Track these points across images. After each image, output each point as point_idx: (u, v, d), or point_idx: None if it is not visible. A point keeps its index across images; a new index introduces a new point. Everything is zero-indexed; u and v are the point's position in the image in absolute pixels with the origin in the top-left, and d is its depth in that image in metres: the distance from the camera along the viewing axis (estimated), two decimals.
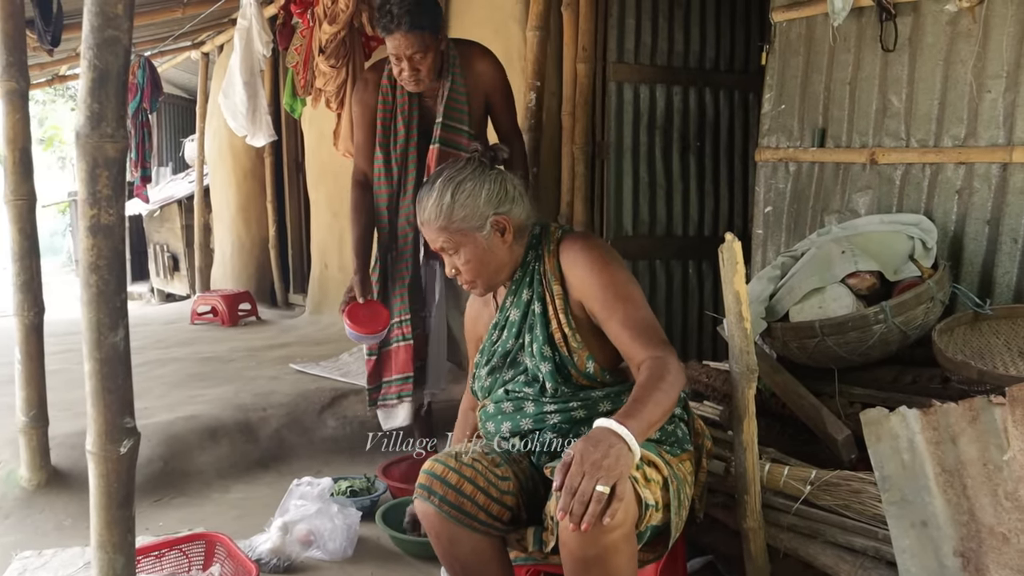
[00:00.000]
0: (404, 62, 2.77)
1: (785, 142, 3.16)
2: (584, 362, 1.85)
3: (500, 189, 1.86)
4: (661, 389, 1.62)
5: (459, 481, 1.76)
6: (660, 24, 4.02)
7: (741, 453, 1.93)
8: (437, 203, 1.84)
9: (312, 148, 5.95)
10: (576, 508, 1.44)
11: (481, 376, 2.00)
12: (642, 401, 1.60)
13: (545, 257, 1.90)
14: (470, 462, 1.80)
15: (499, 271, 1.91)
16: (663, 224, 4.08)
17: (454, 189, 1.84)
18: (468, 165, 1.89)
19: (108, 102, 1.56)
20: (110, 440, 1.61)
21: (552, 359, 1.86)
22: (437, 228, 1.86)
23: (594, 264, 1.83)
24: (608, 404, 1.85)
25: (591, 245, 1.87)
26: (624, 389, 1.85)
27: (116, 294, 1.57)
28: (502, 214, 1.86)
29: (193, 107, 8.51)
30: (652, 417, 1.59)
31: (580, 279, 1.84)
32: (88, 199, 1.56)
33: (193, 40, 7.16)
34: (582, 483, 1.45)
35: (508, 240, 1.88)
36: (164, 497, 3.15)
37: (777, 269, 2.67)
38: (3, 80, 2.87)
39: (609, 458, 1.47)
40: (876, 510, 1.84)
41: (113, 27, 1.55)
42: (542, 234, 1.94)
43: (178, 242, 8.68)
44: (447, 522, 1.76)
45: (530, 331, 1.90)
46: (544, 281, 1.89)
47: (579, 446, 1.49)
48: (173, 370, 4.43)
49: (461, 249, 1.86)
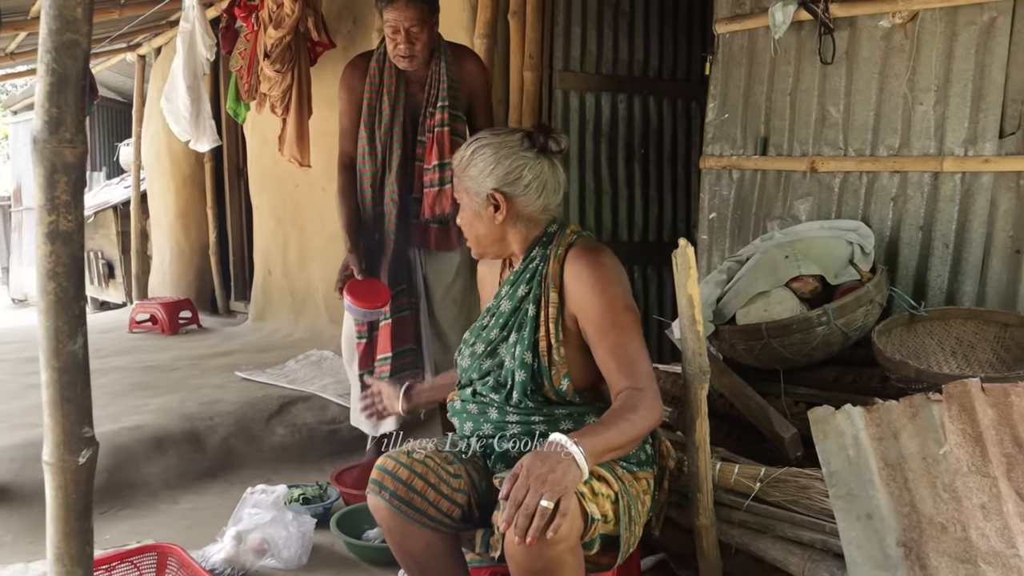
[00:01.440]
0: (401, 34, 2.81)
1: (729, 150, 3.25)
2: (560, 378, 1.84)
3: (514, 171, 1.82)
4: (629, 419, 1.64)
5: (410, 477, 1.78)
6: (605, 33, 4.09)
7: (694, 452, 1.98)
8: (462, 154, 1.89)
9: (255, 153, 5.88)
10: (520, 521, 1.45)
11: (464, 355, 1.99)
12: (605, 425, 1.62)
13: (551, 260, 1.87)
14: (422, 459, 1.82)
15: (485, 241, 1.91)
16: (609, 230, 4.15)
17: (477, 148, 1.86)
18: (510, 136, 1.86)
19: (67, 107, 1.53)
20: (68, 450, 1.57)
21: (530, 366, 1.85)
22: (456, 174, 1.91)
23: (597, 284, 1.80)
24: (570, 423, 1.85)
25: (599, 262, 1.83)
26: (589, 411, 1.86)
27: (75, 301, 1.55)
28: (502, 193, 1.83)
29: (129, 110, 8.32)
30: (610, 442, 1.60)
31: (579, 294, 1.82)
32: (46, 205, 1.53)
33: (129, 42, 7.00)
34: (527, 496, 1.46)
35: (499, 218, 1.85)
36: (110, 509, 3.08)
37: (723, 274, 2.75)
38: None
39: (555, 473, 1.48)
40: (823, 504, 1.92)
41: (72, 30, 1.53)
42: (556, 234, 1.91)
43: (113, 249, 8.46)
44: (398, 517, 1.78)
45: (517, 330, 1.88)
46: (543, 284, 1.87)
47: (528, 459, 1.51)
48: (114, 379, 4.32)
49: (462, 202, 1.91)
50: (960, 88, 2.63)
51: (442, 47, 2.96)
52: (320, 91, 4.75)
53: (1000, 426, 1.77)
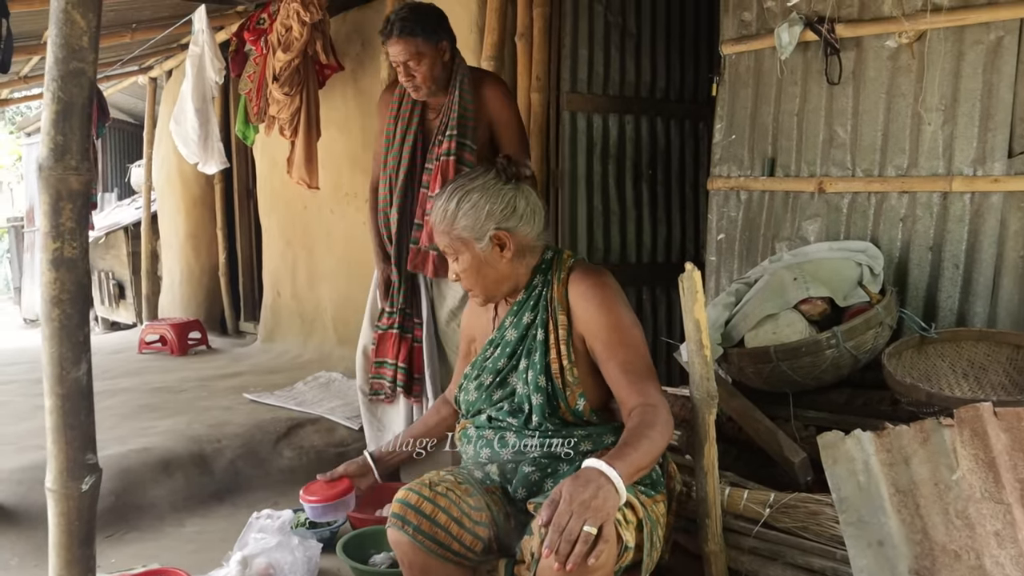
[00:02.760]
0: (400, 68, 2.88)
1: (736, 171, 3.24)
2: (576, 398, 1.85)
3: (508, 205, 1.85)
4: (650, 437, 1.64)
5: (433, 510, 1.76)
6: (612, 55, 4.10)
7: (702, 478, 1.96)
8: (443, 208, 1.87)
9: (264, 175, 5.91)
10: (563, 547, 1.44)
11: (468, 390, 1.99)
12: (632, 446, 1.62)
13: (554, 284, 1.90)
14: (444, 491, 1.80)
15: (497, 284, 1.92)
16: (617, 251, 4.14)
17: (461, 197, 1.86)
18: (483, 175, 1.88)
19: (72, 134, 1.54)
20: (71, 477, 1.57)
21: (545, 390, 1.86)
22: (440, 232, 1.89)
23: (602, 303, 1.84)
24: (589, 444, 1.86)
25: (601, 283, 1.87)
26: (607, 431, 1.87)
27: (79, 328, 1.55)
28: (504, 230, 1.85)
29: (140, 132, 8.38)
30: (640, 463, 1.60)
31: (586, 313, 1.85)
32: (51, 232, 1.54)
33: (141, 65, 7.07)
34: (570, 522, 1.45)
35: (507, 256, 1.87)
36: (116, 532, 3.07)
37: (731, 296, 2.73)
38: None
39: (598, 499, 1.47)
40: (834, 531, 1.89)
41: (78, 59, 1.54)
42: (553, 260, 1.94)
43: (124, 269, 8.50)
44: (420, 552, 1.76)
45: (527, 356, 1.90)
46: (549, 309, 1.89)
47: (568, 484, 1.50)
48: (122, 401, 4.33)
49: (460, 256, 1.89)
50: (968, 108, 2.62)
51: (460, 75, 2.97)
52: (328, 113, 4.78)
53: (1014, 451, 1.75)
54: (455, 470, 1.95)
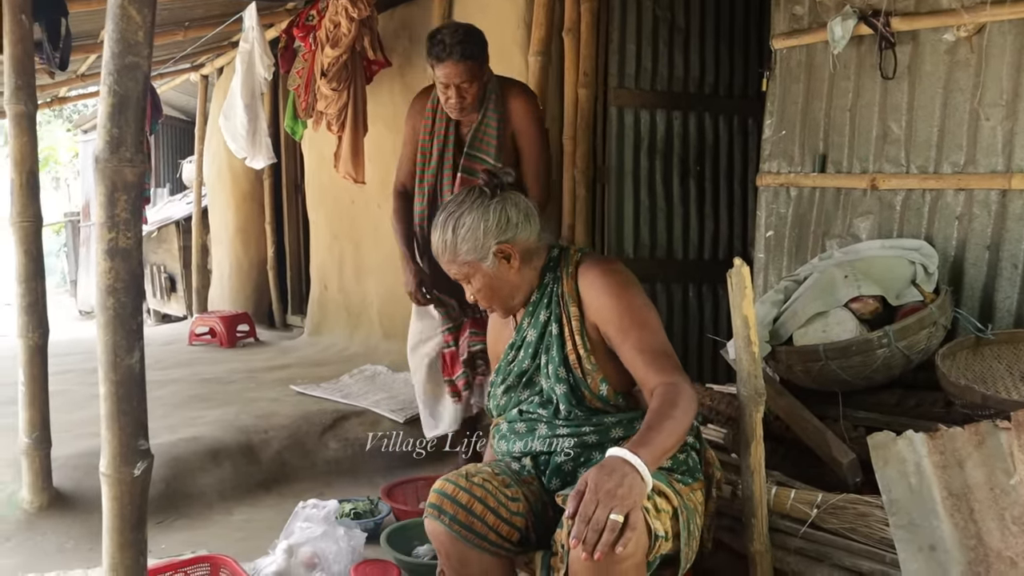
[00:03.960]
0: (452, 89, 2.86)
1: (786, 167, 3.19)
2: (597, 384, 1.87)
3: (501, 218, 1.87)
4: (673, 417, 1.63)
5: (470, 501, 1.77)
6: (660, 49, 4.07)
7: (748, 476, 1.94)
8: (441, 239, 1.90)
9: (312, 170, 5.98)
10: (589, 537, 1.44)
11: (496, 395, 2.02)
12: (654, 429, 1.61)
13: (564, 279, 1.92)
14: (481, 482, 1.81)
15: (512, 295, 1.94)
16: (663, 247, 4.11)
17: (455, 224, 1.88)
18: (469, 197, 1.91)
19: (127, 127, 1.57)
20: (124, 462, 1.61)
21: (567, 381, 1.88)
22: (446, 261, 1.92)
23: (611, 288, 1.85)
24: (620, 430, 1.86)
25: (610, 270, 1.89)
26: (637, 416, 1.86)
27: (132, 317, 1.59)
28: (504, 242, 1.87)
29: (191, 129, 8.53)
30: (664, 445, 1.60)
31: (597, 302, 1.86)
32: (107, 222, 1.58)
33: (193, 62, 7.20)
34: (596, 511, 1.45)
35: (515, 265, 1.90)
36: (166, 519, 3.14)
37: (780, 293, 2.69)
38: (12, 103, 2.89)
39: (623, 487, 1.47)
40: (883, 533, 1.85)
41: (133, 53, 1.57)
42: (560, 256, 1.97)
43: (175, 263, 8.67)
44: (457, 542, 1.77)
45: (546, 352, 1.92)
46: (561, 302, 1.91)
47: (592, 474, 1.50)
48: (173, 391, 4.41)
49: (472, 279, 1.91)
50: None
51: (491, 87, 2.98)
52: (376, 109, 4.81)
53: None
54: (492, 462, 1.98)
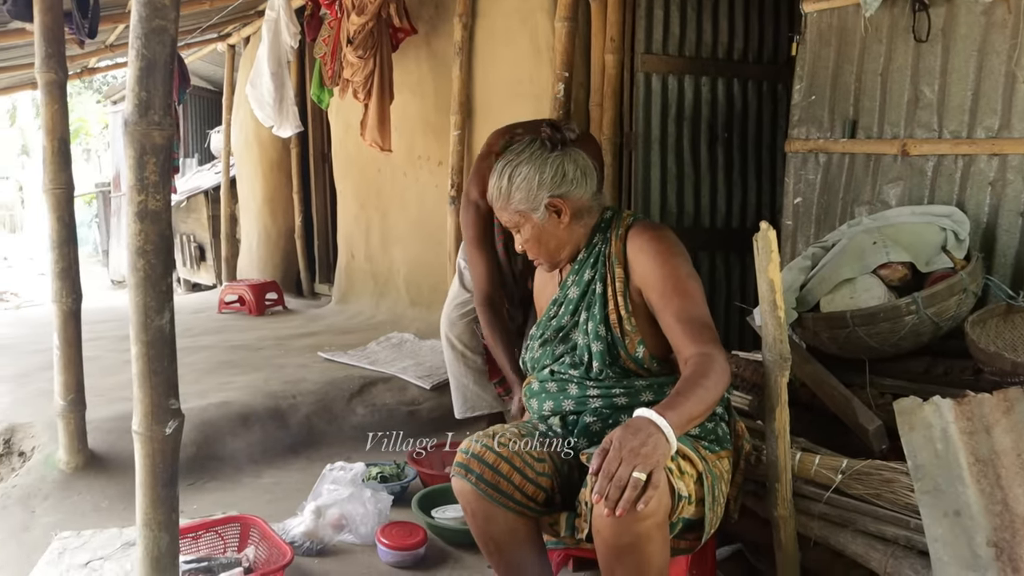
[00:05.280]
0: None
1: (815, 133, 3.15)
2: (635, 345, 1.88)
3: (557, 172, 1.90)
4: (704, 386, 1.64)
5: (496, 460, 1.80)
6: (688, 15, 4.01)
7: (773, 441, 1.94)
8: (497, 185, 1.94)
9: (339, 139, 5.99)
10: (612, 493, 1.46)
11: (533, 347, 2.04)
12: (684, 395, 1.62)
13: (612, 240, 1.94)
14: (506, 441, 1.84)
15: (559, 249, 1.97)
16: (691, 215, 4.08)
17: (511, 172, 1.92)
18: (529, 147, 1.93)
19: (155, 90, 1.59)
20: (156, 421, 1.64)
21: (604, 339, 1.90)
22: (499, 208, 1.96)
23: (659, 254, 1.87)
24: (650, 394, 1.88)
25: (659, 236, 1.91)
26: (668, 381, 1.88)
27: (162, 278, 1.61)
28: (557, 196, 1.90)
29: (219, 98, 8.57)
30: (693, 412, 1.61)
31: (643, 266, 1.88)
32: (136, 185, 1.59)
33: (219, 32, 7.20)
34: (619, 469, 1.47)
35: (565, 221, 1.92)
36: (197, 481, 3.20)
37: (808, 260, 2.67)
38: (42, 71, 2.91)
39: (647, 446, 1.49)
40: (908, 499, 1.85)
41: (161, 16, 1.58)
42: (612, 218, 1.98)
43: (205, 232, 8.76)
44: (483, 500, 1.80)
45: (587, 309, 1.94)
46: (607, 263, 1.93)
47: (617, 433, 1.52)
48: (203, 358, 4.48)
49: (521, 228, 1.95)
50: None
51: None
52: (402, 76, 4.81)
53: None
54: (519, 423, 2.00)
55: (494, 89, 4.32)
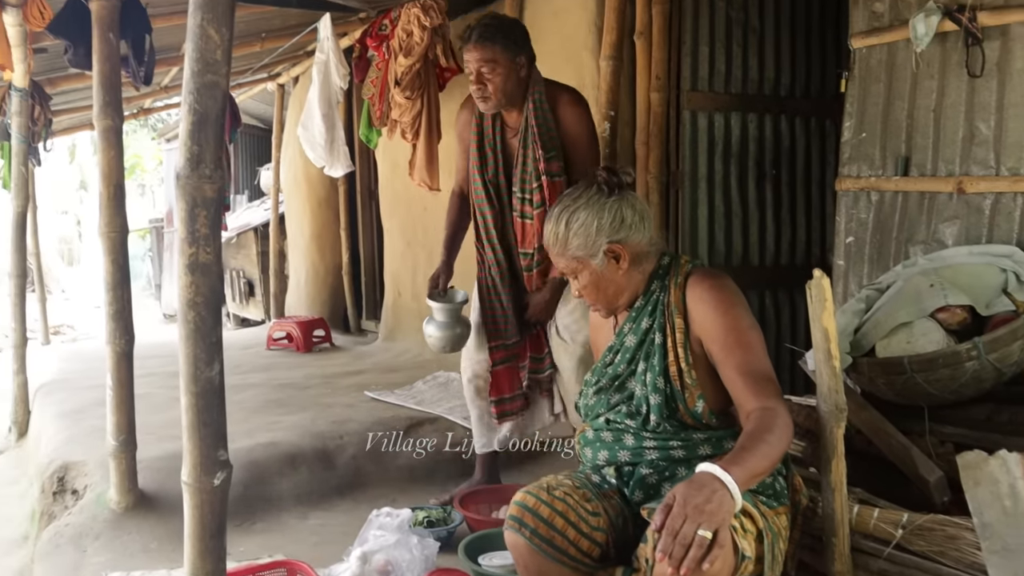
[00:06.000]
0: (473, 75, 2.86)
1: (867, 171, 3.10)
2: (694, 400, 1.85)
3: (616, 217, 1.87)
4: (768, 441, 1.61)
5: (551, 514, 1.77)
6: (734, 51, 4.00)
7: (829, 494, 1.87)
8: (554, 231, 1.91)
9: (386, 177, 6.05)
10: (676, 551, 1.42)
11: (587, 394, 2.01)
12: (748, 450, 1.58)
13: (671, 289, 1.90)
14: (562, 496, 1.80)
15: (617, 295, 1.94)
16: (739, 253, 4.03)
17: (568, 218, 1.89)
18: (586, 192, 1.91)
19: (207, 144, 1.61)
20: (205, 472, 1.65)
21: (663, 391, 1.86)
22: (555, 254, 1.94)
23: (719, 304, 1.83)
24: (708, 448, 1.84)
25: (720, 285, 1.87)
26: (727, 435, 1.84)
27: (212, 330, 1.62)
28: (616, 242, 1.87)
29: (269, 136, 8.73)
30: (757, 468, 1.57)
31: (703, 317, 1.84)
32: (187, 237, 1.62)
33: (269, 72, 7.37)
34: (684, 526, 1.43)
35: (624, 267, 1.89)
36: (244, 522, 3.21)
37: (862, 302, 2.61)
38: (100, 118, 3.00)
39: (712, 503, 1.45)
40: (974, 558, 1.77)
41: (213, 71, 1.61)
42: (671, 265, 1.95)
43: (254, 268, 8.89)
44: (537, 555, 1.76)
45: (645, 359, 1.90)
46: (667, 312, 1.90)
47: (681, 489, 1.48)
48: (251, 396, 4.52)
49: (579, 274, 1.92)
50: None
51: (536, 92, 2.91)
52: (449, 116, 4.84)
53: None
54: (573, 474, 1.96)
55: None
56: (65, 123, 7.46)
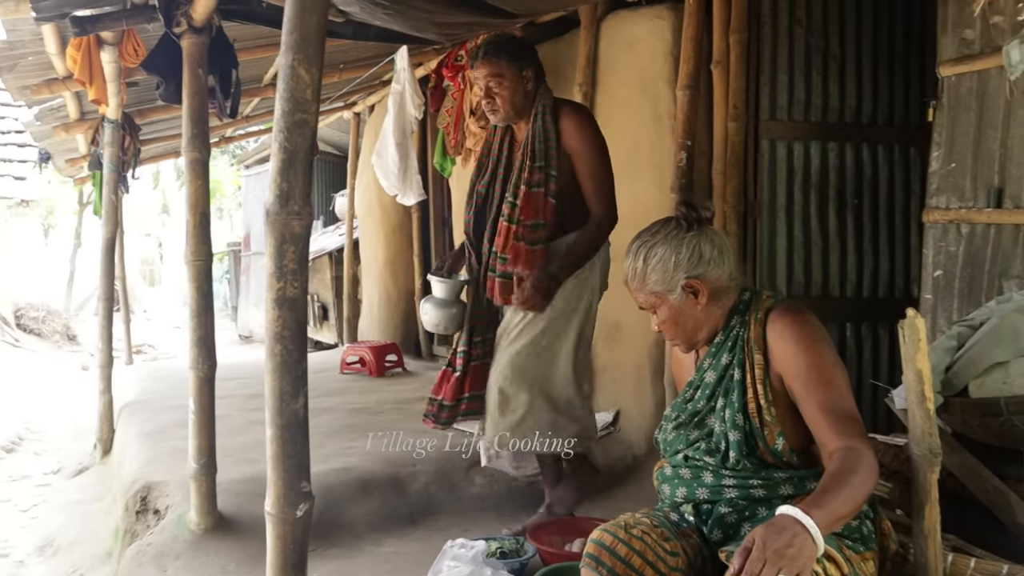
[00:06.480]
0: (483, 91, 2.96)
1: (956, 202, 3.00)
2: (774, 437, 1.81)
3: (694, 253, 1.86)
4: (852, 483, 1.56)
5: (628, 553, 1.74)
6: (814, 79, 3.93)
7: (922, 541, 1.80)
8: (632, 266, 1.91)
9: (459, 205, 6.09)
10: None
11: (667, 429, 1.99)
12: (831, 492, 1.54)
13: (751, 324, 1.87)
14: (640, 535, 1.77)
15: (696, 331, 1.92)
16: (819, 284, 3.94)
17: (646, 253, 1.89)
18: (664, 227, 1.90)
19: (296, 181, 1.65)
20: (288, 503, 1.67)
21: (742, 428, 1.83)
22: (634, 289, 1.93)
23: (801, 340, 1.79)
24: (790, 488, 1.79)
25: (802, 320, 1.83)
26: (809, 475, 1.79)
27: (298, 363, 1.65)
28: (694, 278, 1.86)
29: (344, 163, 8.92)
30: (840, 511, 1.52)
31: (784, 353, 1.81)
32: (275, 273, 1.65)
33: (345, 101, 7.53)
34: (763, 571, 1.40)
35: (702, 302, 1.88)
36: (319, 548, 3.23)
37: (953, 339, 2.51)
38: (188, 150, 3.10)
39: (793, 547, 1.42)
40: None
41: (302, 111, 1.65)
42: (751, 300, 1.92)
43: (328, 292, 9.05)
44: None
45: (724, 395, 1.88)
46: (746, 348, 1.87)
47: (760, 532, 1.45)
48: (326, 420, 4.58)
49: (657, 309, 1.91)
50: None
51: (541, 104, 2.98)
52: None
53: None
54: (651, 512, 1.93)
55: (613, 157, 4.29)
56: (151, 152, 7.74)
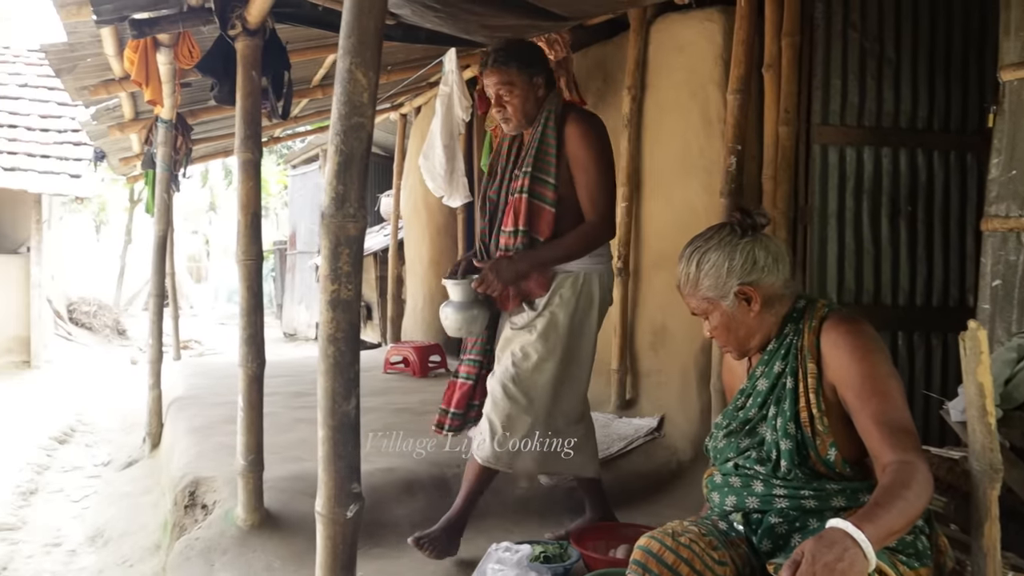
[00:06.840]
0: (494, 99, 2.96)
1: (1017, 210, 2.92)
2: (826, 448, 1.78)
3: (747, 259, 1.85)
4: (906, 497, 1.53)
5: (675, 562, 1.73)
6: (868, 83, 3.86)
7: (980, 559, 1.76)
8: (684, 271, 1.90)
9: None
10: None
11: (717, 437, 1.98)
12: (883, 506, 1.51)
13: (805, 333, 1.85)
14: (687, 543, 1.76)
15: (748, 338, 1.90)
16: (870, 292, 3.87)
17: (699, 259, 1.88)
18: (718, 233, 1.89)
19: (352, 184, 1.66)
20: (338, 504, 1.68)
21: (794, 438, 1.81)
22: (686, 295, 1.92)
23: (856, 350, 1.77)
24: (842, 500, 1.77)
25: (856, 330, 1.80)
26: (862, 487, 1.77)
27: (351, 365, 1.66)
28: (748, 284, 1.84)
29: (389, 164, 8.98)
30: (893, 526, 1.49)
31: (839, 362, 1.78)
32: (330, 275, 1.66)
33: (392, 102, 7.59)
34: None
35: (755, 309, 1.86)
36: (363, 547, 3.22)
37: (1013, 351, 2.45)
38: (241, 151, 3.14)
39: (843, 562, 1.39)
40: None
41: (359, 114, 1.66)
42: (806, 309, 1.90)
43: (372, 292, 9.12)
44: None
45: (776, 404, 1.86)
46: (800, 357, 1.85)
47: (810, 545, 1.42)
48: (370, 420, 4.60)
49: (709, 315, 1.90)
50: None
51: (547, 110, 2.96)
52: None
53: None
54: (699, 520, 1.92)
55: (663, 162, 4.30)
56: (202, 151, 7.87)
